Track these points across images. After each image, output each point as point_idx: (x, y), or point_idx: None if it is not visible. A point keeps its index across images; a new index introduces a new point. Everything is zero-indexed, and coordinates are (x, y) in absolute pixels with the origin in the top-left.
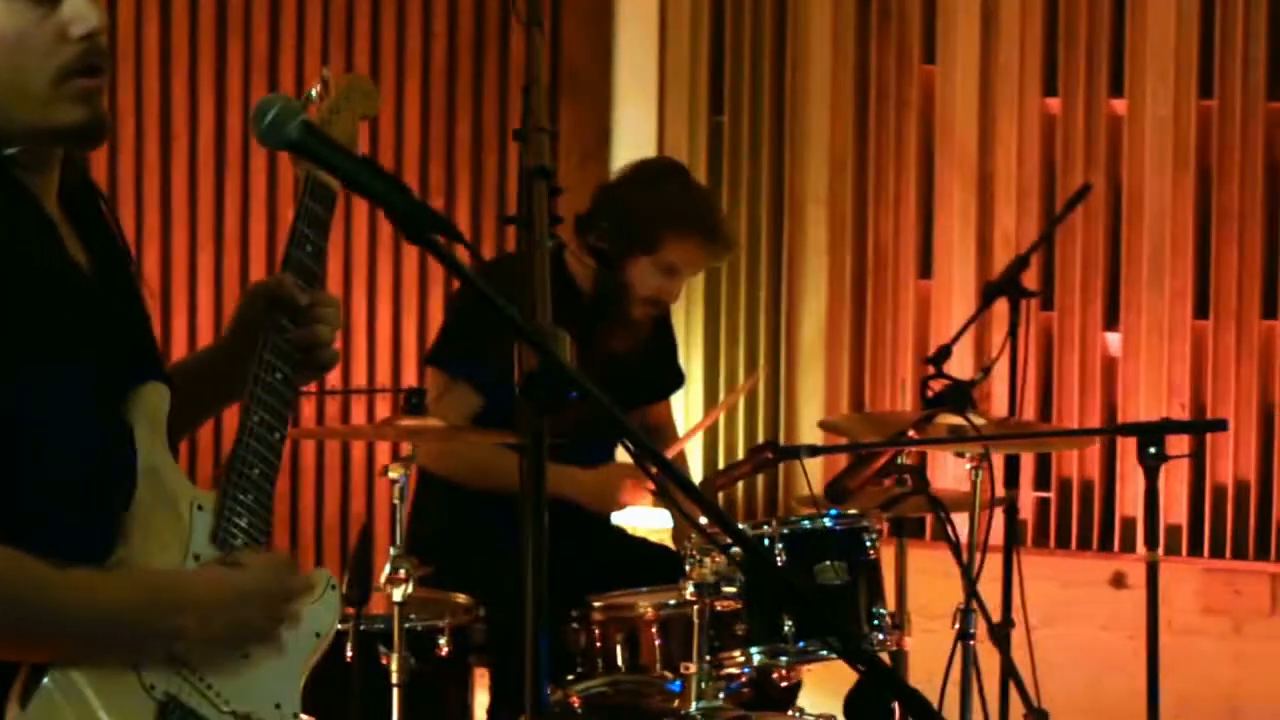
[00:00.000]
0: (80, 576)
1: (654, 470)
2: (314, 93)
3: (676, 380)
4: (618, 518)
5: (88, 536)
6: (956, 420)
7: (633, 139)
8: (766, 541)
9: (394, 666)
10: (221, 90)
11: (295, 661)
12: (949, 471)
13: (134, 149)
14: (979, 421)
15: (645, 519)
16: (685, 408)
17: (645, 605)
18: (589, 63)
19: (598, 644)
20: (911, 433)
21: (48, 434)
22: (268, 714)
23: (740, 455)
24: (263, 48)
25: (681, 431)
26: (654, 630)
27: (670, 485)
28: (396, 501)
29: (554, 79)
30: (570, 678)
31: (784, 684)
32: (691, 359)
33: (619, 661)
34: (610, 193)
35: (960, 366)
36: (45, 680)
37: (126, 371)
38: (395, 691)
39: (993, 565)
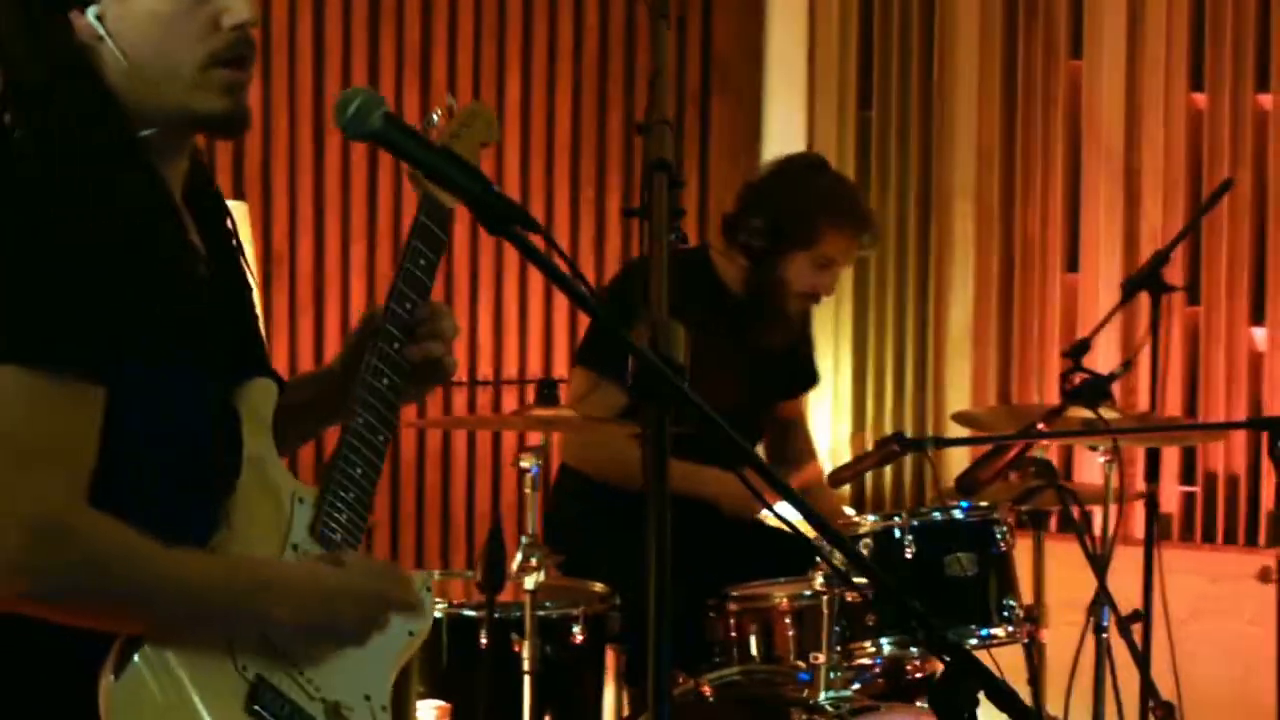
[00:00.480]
0: (180, 554)
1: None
2: (435, 117)
3: (812, 379)
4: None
5: (191, 519)
6: (1092, 414)
7: (782, 134)
8: (896, 534)
9: (525, 654)
10: (374, 84)
11: (387, 656)
12: (1092, 466)
13: (287, 142)
14: (1111, 416)
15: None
16: (834, 400)
17: (780, 596)
18: (740, 59)
19: (733, 634)
20: (1041, 426)
21: (159, 415)
22: (357, 704)
23: None
24: (415, 41)
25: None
26: (787, 621)
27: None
28: (528, 490)
29: (705, 76)
30: (705, 667)
31: (918, 675)
32: (840, 352)
33: (753, 651)
34: (760, 190)
35: (1107, 361)
36: (138, 654)
37: (238, 365)
38: (527, 679)
39: (1136, 559)
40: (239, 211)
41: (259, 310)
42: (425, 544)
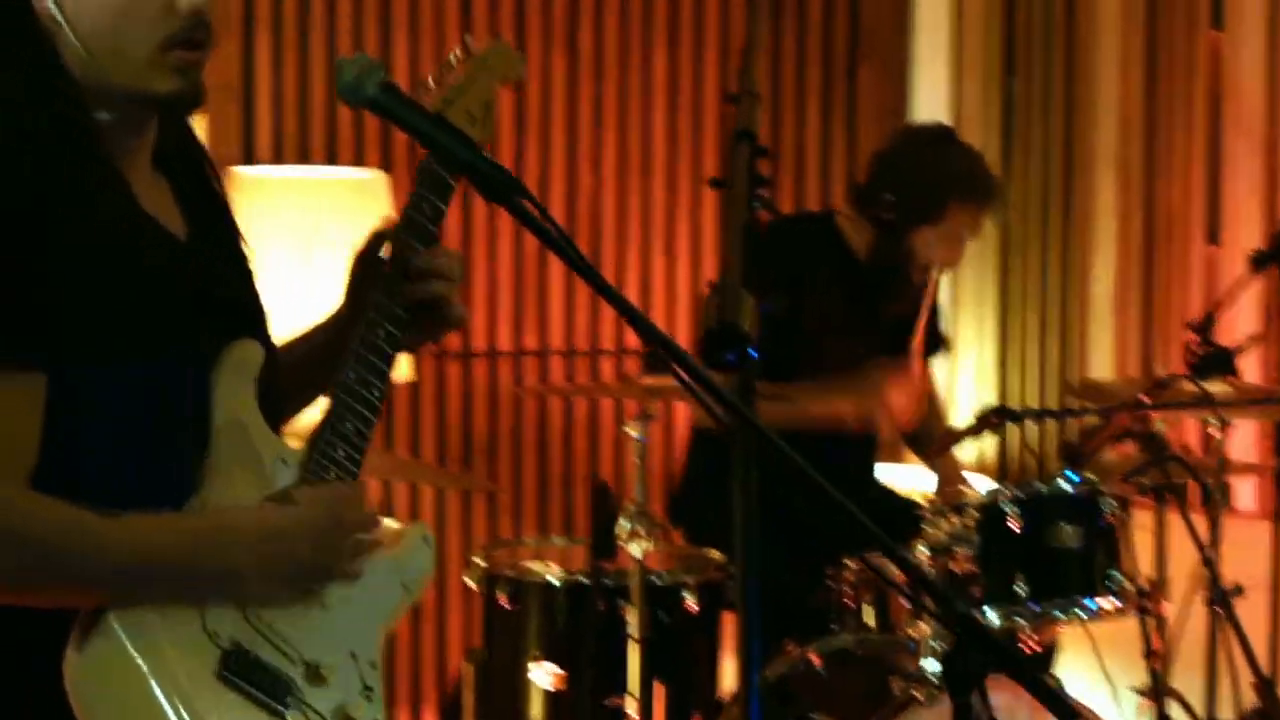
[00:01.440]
0: (127, 521)
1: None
2: (453, 58)
3: (938, 343)
4: (886, 475)
5: (160, 486)
6: (1212, 387)
7: (929, 102)
8: (1002, 504)
9: (631, 620)
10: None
11: (375, 611)
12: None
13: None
14: (1219, 389)
15: (913, 479)
16: (977, 368)
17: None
18: (886, 27)
19: (849, 603)
20: (1144, 398)
21: (116, 388)
22: (340, 662)
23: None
24: (562, 13)
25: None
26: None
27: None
28: (637, 459)
29: (852, 45)
30: (820, 635)
31: (1031, 646)
32: (984, 321)
33: (868, 620)
34: (888, 164)
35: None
36: (101, 628)
37: (215, 328)
38: (633, 645)
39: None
40: (378, 181)
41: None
42: (548, 511)
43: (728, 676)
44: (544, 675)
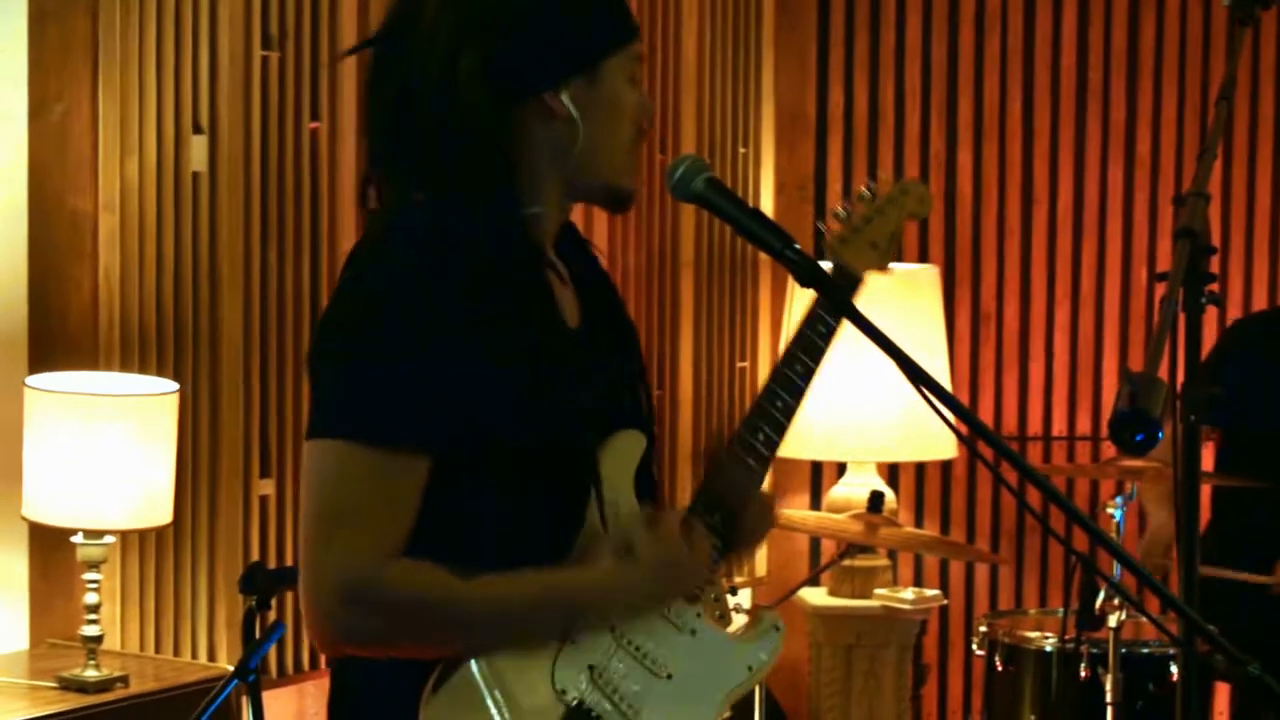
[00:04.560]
0: (478, 581)
1: None
2: (866, 190)
3: None
4: None
5: (539, 556)
6: None
7: None
8: None
9: (1108, 686)
10: (1080, 161)
11: (718, 687)
12: None
13: (996, 212)
14: None
15: None
16: None
17: None
18: None
19: None
20: None
21: (512, 478)
22: None
23: None
24: (1120, 120)
25: None
26: None
27: None
28: (1114, 534)
29: None
30: None
31: None
32: None
33: None
34: None
35: None
36: (455, 676)
37: (603, 417)
38: (1109, 709)
39: None
40: (929, 274)
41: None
42: (1050, 584)
43: None
44: None
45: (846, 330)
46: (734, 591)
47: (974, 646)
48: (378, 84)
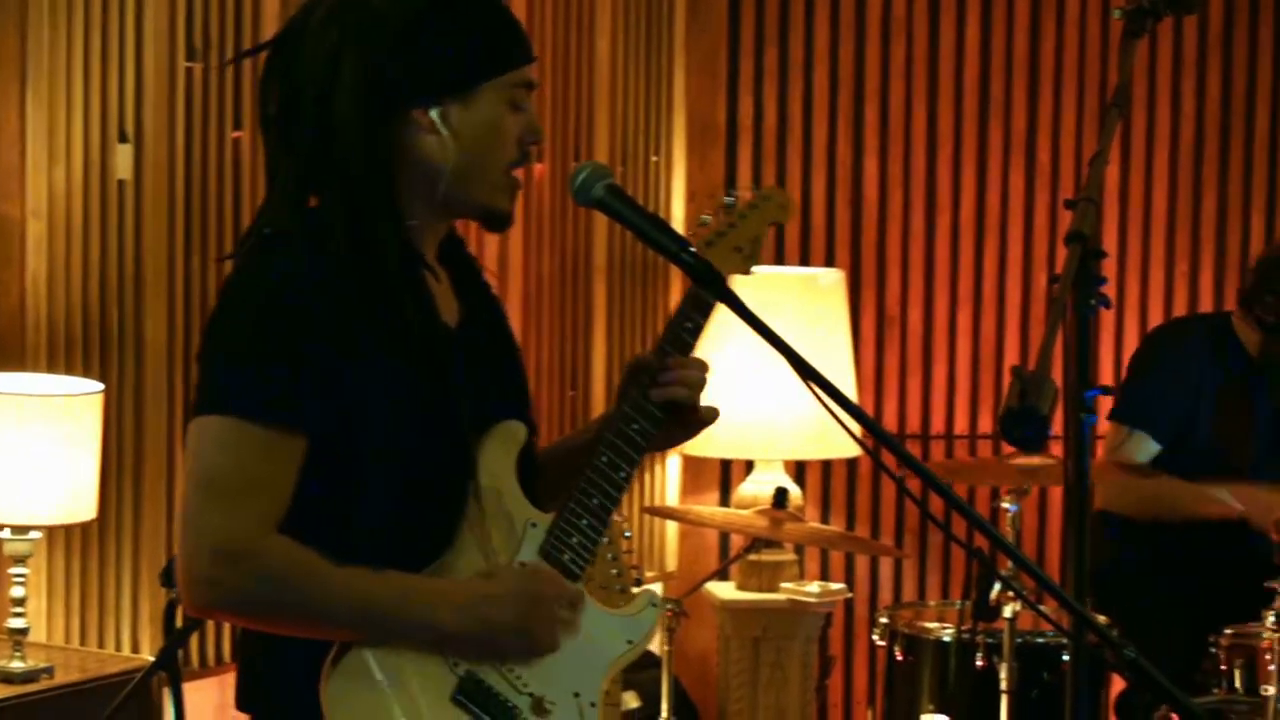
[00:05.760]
0: (351, 571)
1: None
2: (728, 198)
3: None
4: None
5: (419, 539)
6: None
7: None
8: None
9: (1003, 675)
10: (982, 169)
11: (600, 659)
12: None
13: (901, 218)
14: None
15: None
16: None
17: (1268, 634)
18: None
19: (1222, 667)
20: None
21: (391, 452)
22: (562, 699)
23: None
24: (1021, 129)
25: None
26: (1267, 657)
27: None
28: (1009, 529)
29: None
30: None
31: None
32: None
33: (1237, 684)
34: (1265, 269)
35: None
36: (351, 652)
37: (483, 409)
38: (1005, 698)
39: None
40: (835, 278)
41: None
42: (951, 577)
43: None
44: None
45: (750, 332)
46: (639, 583)
47: (875, 637)
48: (267, 88)
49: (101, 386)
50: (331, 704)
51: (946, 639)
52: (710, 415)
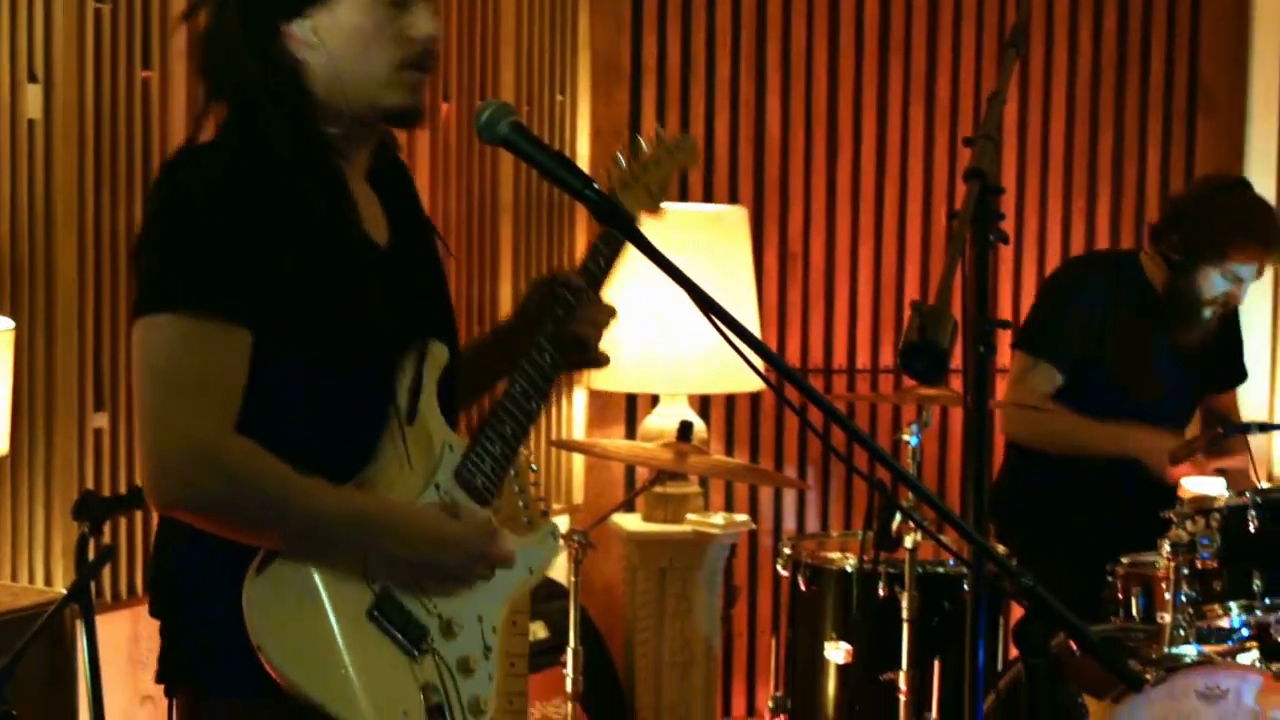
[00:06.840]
0: (314, 482)
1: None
2: (643, 142)
3: (1239, 375)
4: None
5: (340, 452)
6: None
7: (1263, 156)
8: (1243, 507)
9: (904, 604)
10: (883, 105)
11: (504, 586)
12: None
13: (803, 154)
14: None
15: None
16: (1272, 394)
17: (1158, 561)
18: (1223, 81)
19: (1120, 596)
20: None
21: (314, 365)
22: (468, 623)
23: None
24: (921, 67)
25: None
26: (1163, 585)
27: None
28: (910, 460)
29: (1191, 99)
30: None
31: None
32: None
33: (1134, 612)
34: (1178, 207)
35: None
36: (280, 557)
37: (409, 328)
38: (906, 626)
39: None
40: (738, 215)
41: (447, 277)
42: (854, 508)
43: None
44: (838, 652)
45: (655, 268)
46: (545, 514)
47: (779, 568)
48: (192, 11)
49: (12, 323)
50: (252, 610)
51: (849, 569)
52: (603, 360)
